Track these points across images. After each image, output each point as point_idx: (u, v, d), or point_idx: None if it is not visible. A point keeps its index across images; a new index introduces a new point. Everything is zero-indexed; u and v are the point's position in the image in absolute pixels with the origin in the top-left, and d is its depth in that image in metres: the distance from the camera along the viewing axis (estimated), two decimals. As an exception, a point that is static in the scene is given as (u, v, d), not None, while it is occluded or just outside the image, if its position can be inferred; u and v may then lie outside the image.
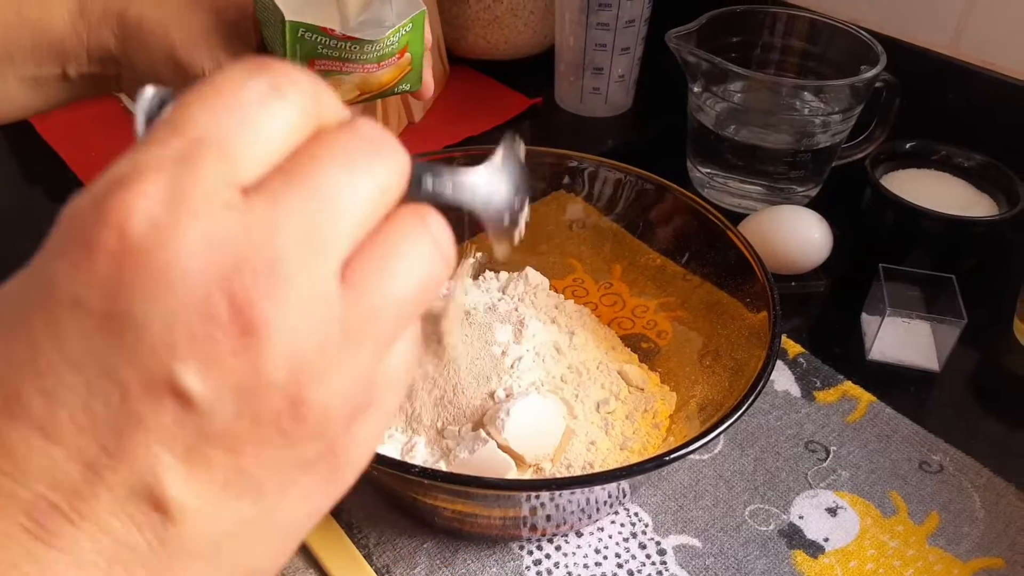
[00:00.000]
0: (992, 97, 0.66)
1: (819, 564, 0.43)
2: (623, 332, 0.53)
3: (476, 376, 0.45)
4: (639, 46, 0.78)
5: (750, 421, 0.50)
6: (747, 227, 0.60)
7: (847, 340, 0.56)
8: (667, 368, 0.50)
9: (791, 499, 0.46)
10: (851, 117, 0.63)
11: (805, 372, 0.53)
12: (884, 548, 0.43)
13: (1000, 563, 0.43)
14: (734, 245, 0.48)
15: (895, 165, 0.64)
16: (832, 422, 0.50)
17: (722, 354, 0.46)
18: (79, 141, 0.74)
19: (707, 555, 0.43)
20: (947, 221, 0.58)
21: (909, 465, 0.48)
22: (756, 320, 0.44)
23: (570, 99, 0.81)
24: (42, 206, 0.68)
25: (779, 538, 0.44)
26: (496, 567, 0.42)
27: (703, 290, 0.50)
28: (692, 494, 0.46)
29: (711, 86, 0.64)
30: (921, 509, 0.45)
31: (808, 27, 0.68)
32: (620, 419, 0.46)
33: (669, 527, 0.44)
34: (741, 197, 0.67)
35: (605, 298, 0.55)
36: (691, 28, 0.64)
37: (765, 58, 0.70)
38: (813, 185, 0.67)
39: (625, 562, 0.42)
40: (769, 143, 0.64)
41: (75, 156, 0.72)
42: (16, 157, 0.75)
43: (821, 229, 0.59)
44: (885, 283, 0.54)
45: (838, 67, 0.66)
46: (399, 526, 0.43)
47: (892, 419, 0.50)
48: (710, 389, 0.45)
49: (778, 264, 0.59)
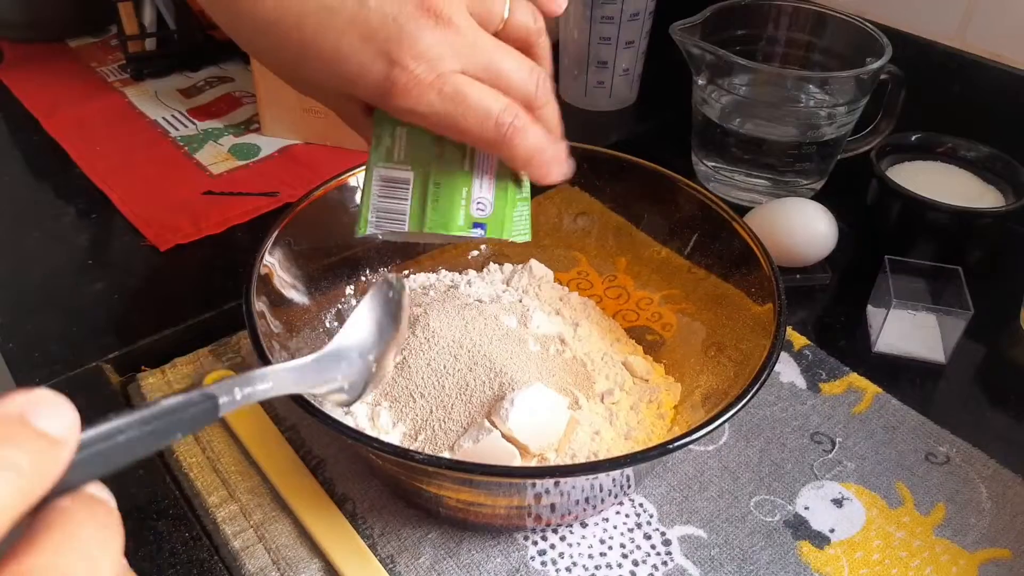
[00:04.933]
0: (998, 89, 0.65)
1: (825, 555, 0.42)
2: (628, 324, 0.53)
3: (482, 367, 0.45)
4: (643, 40, 0.78)
5: (755, 412, 0.50)
6: (752, 220, 0.60)
7: (853, 332, 0.56)
8: (672, 359, 0.50)
9: (797, 490, 0.46)
10: (856, 109, 0.63)
11: (811, 364, 0.53)
12: (890, 539, 0.43)
13: (1007, 554, 0.43)
14: (738, 235, 0.47)
15: (901, 157, 0.64)
16: (838, 414, 0.50)
17: (727, 345, 0.46)
18: (85, 137, 0.74)
19: (712, 546, 0.43)
20: (953, 213, 0.58)
21: (915, 456, 0.48)
22: (761, 311, 0.44)
23: (574, 93, 0.81)
24: (48, 202, 0.68)
25: (784, 529, 0.44)
26: (501, 557, 0.42)
27: (708, 282, 0.50)
28: (697, 485, 0.46)
29: (716, 79, 0.64)
30: (927, 500, 0.45)
31: (813, 19, 0.68)
32: (625, 409, 0.46)
33: (674, 518, 0.44)
34: (746, 190, 0.67)
35: (610, 290, 0.55)
36: (695, 21, 0.64)
37: (770, 50, 0.70)
38: (818, 178, 0.67)
39: (630, 552, 0.42)
40: (774, 136, 0.64)
41: (81, 151, 0.72)
42: (22, 152, 0.75)
43: (827, 221, 0.59)
44: (891, 275, 0.54)
45: (843, 59, 0.65)
46: (403, 516, 0.43)
47: (898, 411, 0.50)
48: (715, 380, 0.45)
49: (783, 257, 0.58)
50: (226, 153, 0.73)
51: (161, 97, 0.82)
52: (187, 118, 0.79)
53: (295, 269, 0.47)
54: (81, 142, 0.74)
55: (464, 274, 0.56)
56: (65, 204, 0.67)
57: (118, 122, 0.78)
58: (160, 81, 0.85)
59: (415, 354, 0.45)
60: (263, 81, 0.72)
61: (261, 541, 0.42)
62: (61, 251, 0.62)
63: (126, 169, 0.70)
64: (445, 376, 0.44)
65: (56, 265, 0.61)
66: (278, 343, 0.42)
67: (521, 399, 0.41)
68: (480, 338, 0.46)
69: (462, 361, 0.44)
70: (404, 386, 0.44)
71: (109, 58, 0.89)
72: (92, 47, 0.92)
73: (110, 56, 0.90)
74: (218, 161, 0.72)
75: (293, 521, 0.43)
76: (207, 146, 0.74)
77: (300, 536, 0.42)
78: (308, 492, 0.44)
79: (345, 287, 0.52)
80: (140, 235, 0.63)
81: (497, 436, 0.41)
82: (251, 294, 0.41)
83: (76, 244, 0.63)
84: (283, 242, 0.46)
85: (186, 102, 0.81)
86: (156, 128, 0.77)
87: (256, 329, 0.40)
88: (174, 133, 0.76)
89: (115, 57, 0.89)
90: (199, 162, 0.72)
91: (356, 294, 0.53)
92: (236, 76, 0.85)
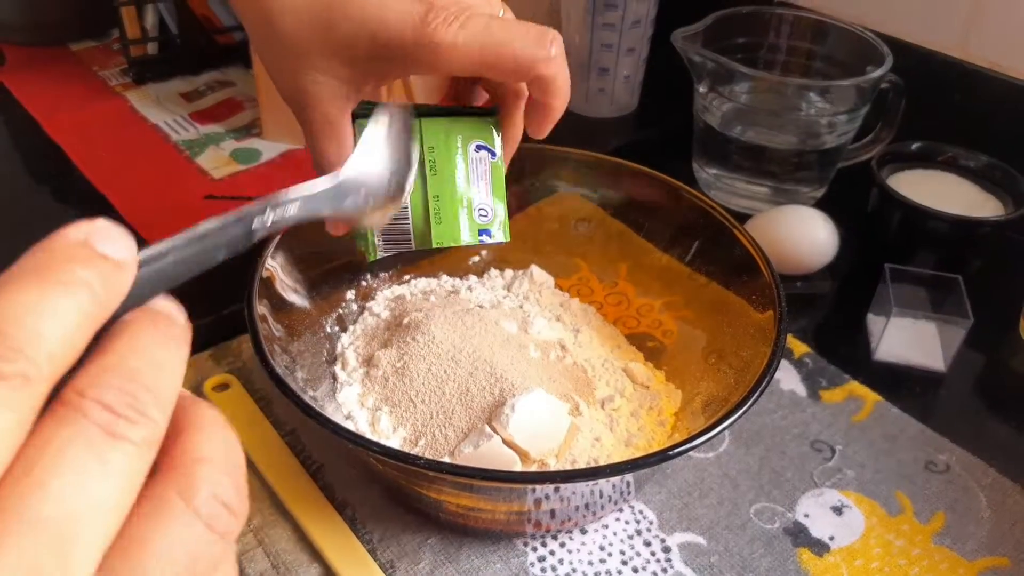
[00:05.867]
0: (998, 98, 0.66)
1: (824, 562, 0.42)
2: (628, 331, 0.53)
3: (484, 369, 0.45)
4: (645, 47, 0.78)
5: (755, 420, 0.50)
6: (753, 227, 0.60)
7: (853, 340, 0.56)
8: (672, 366, 0.50)
9: (796, 498, 0.46)
10: (857, 118, 0.63)
11: (811, 372, 0.53)
12: (890, 547, 0.43)
13: (1006, 562, 0.43)
14: (739, 243, 0.47)
15: (901, 166, 0.64)
16: (838, 422, 0.50)
17: (727, 352, 0.46)
18: (86, 140, 0.74)
19: (712, 553, 0.43)
20: (953, 222, 0.58)
21: (915, 465, 0.48)
22: (762, 318, 0.44)
23: (575, 100, 0.81)
24: (49, 205, 0.68)
25: (784, 536, 0.44)
26: (500, 563, 0.42)
27: (709, 289, 0.50)
28: (697, 492, 0.46)
29: (717, 86, 0.64)
30: (927, 508, 0.45)
31: (814, 28, 0.68)
32: (625, 416, 0.46)
33: (674, 525, 0.44)
34: (747, 198, 0.67)
35: (611, 297, 0.55)
36: (697, 28, 0.64)
37: (771, 58, 0.70)
38: (819, 186, 0.67)
39: (629, 559, 0.42)
40: (775, 144, 0.64)
41: (82, 155, 0.72)
42: (24, 155, 0.75)
43: (827, 229, 0.59)
44: (891, 283, 0.54)
45: (844, 68, 0.66)
46: (403, 522, 0.43)
47: (898, 419, 0.50)
48: (715, 386, 0.45)
49: (784, 264, 0.59)
50: (227, 157, 0.73)
51: (163, 101, 0.82)
52: (188, 122, 0.79)
53: (296, 273, 0.47)
54: (82, 145, 0.74)
55: (465, 279, 0.56)
56: (66, 207, 0.67)
57: (119, 126, 0.78)
58: (162, 85, 0.85)
59: (416, 359, 0.45)
60: (265, 85, 0.72)
61: (260, 545, 0.42)
62: (62, 254, 0.62)
63: (127, 173, 0.71)
64: (446, 381, 0.44)
65: (57, 268, 0.61)
66: (279, 347, 0.42)
67: (522, 405, 0.41)
68: (481, 343, 0.46)
69: (463, 366, 0.44)
70: (404, 391, 0.44)
71: (111, 62, 0.89)
72: (94, 51, 0.92)
73: (112, 60, 0.90)
74: (219, 165, 0.72)
75: (293, 526, 0.43)
76: (208, 150, 0.74)
77: (300, 541, 0.42)
78: (308, 497, 0.44)
79: (346, 291, 0.52)
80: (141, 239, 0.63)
81: (497, 442, 0.41)
82: (253, 297, 0.41)
83: (77, 247, 0.63)
84: (285, 246, 0.46)
85: (187, 106, 0.81)
86: (157, 132, 0.77)
87: (258, 332, 0.40)
88: (175, 137, 0.76)
89: (117, 61, 0.89)
90: (200, 166, 0.72)
91: (357, 298, 0.53)
92: (238, 80, 0.86)
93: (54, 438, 0.16)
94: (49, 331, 0.16)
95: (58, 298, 0.16)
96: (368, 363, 0.47)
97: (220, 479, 0.18)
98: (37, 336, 0.16)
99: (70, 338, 0.16)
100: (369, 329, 0.51)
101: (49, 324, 0.16)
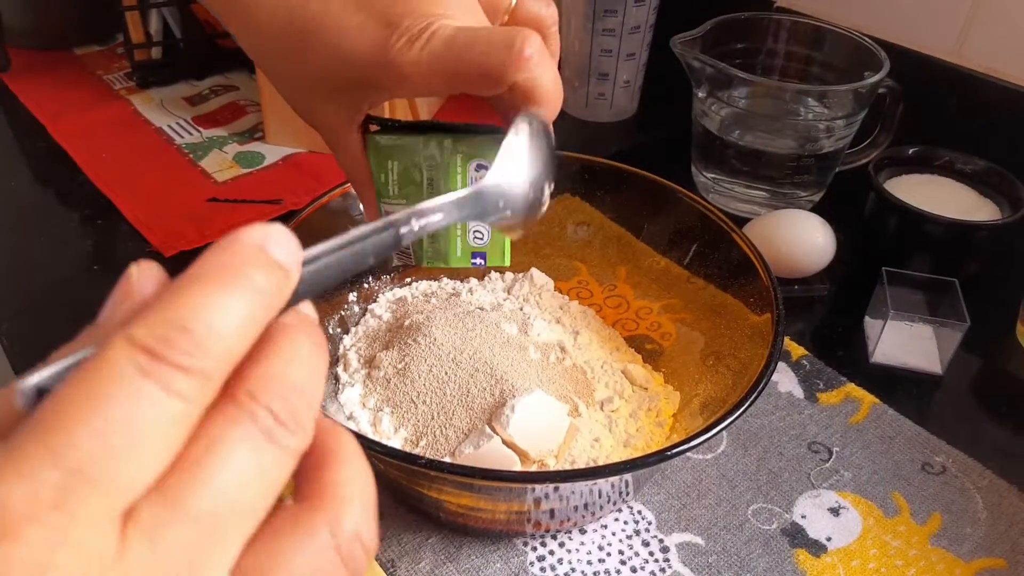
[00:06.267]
0: (995, 103, 0.66)
1: (821, 563, 0.43)
2: (627, 333, 0.54)
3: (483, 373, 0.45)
4: (644, 52, 0.78)
5: (753, 421, 0.50)
6: (751, 231, 0.60)
7: (850, 343, 0.57)
8: (671, 368, 0.51)
9: (794, 499, 0.46)
10: (854, 122, 0.64)
11: (808, 374, 0.54)
12: (886, 548, 0.44)
13: (1002, 564, 0.43)
14: (737, 246, 0.48)
15: (898, 170, 0.65)
16: (835, 423, 0.50)
17: (725, 354, 0.47)
18: (91, 143, 0.75)
19: (710, 553, 0.43)
20: (950, 226, 0.58)
21: (912, 466, 0.48)
22: (759, 321, 0.45)
23: (575, 104, 0.82)
24: (54, 208, 0.68)
25: (782, 537, 0.44)
26: (500, 563, 0.42)
27: (707, 292, 0.51)
28: (695, 493, 0.46)
29: (716, 91, 0.65)
30: (923, 510, 0.46)
31: (812, 33, 0.68)
32: (624, 417, 0.47)
33: (672, 525, 0.44)
34: (745, 202, 0.68)
35: (610, 300, 0.56)
36: (696, 34, 0.65)
37: (769, 64, 0.70)
38: (817, 190, 0.68)
39: (628, 559, 0.43)
40: (773, 148, 0.65)
41: (87, 158, 0.73)
42: (29, 158, 0.75)
43: (825, 233, 0.60)
44: (888, 286, 0.55)
45: (842, 73, 0.66)
46: (404, 521, 0.44)
47: (895, 421, 0.51)
48: (713, 388, 0.46)
49: (782, 268, 0.59)
50: (230, 161, 0.74)
51: (166, 105, 0.83)
52: (192, 126, 0.79)
53: (299, 276, 0.48)
54: (87, 149, 0.74)
55: (466, 282, 0.56)
56: (70, 210, 0.68)
57: (123, 129, 0.78)
58: (165, 89, 0.85)
59: (417, 360, 0.46)
60: (267, 90, 0.73)
61: (263, 545, 0.42)
62: (66, 257, 0.63)
63: (131, 176, 0.71)
64: (446, 382, 0.45)
65: (61, 270, 0.61)
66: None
67: (522, 406, 0.42)
68: (481, 345, 0.46)
69: (463, 368, 0.45)
70: (406, 392, 0.45)
71: (115, 66, 0.90)
72: (98, 55, 0.93)
73: (116, 64, 0.90)
74: (223, 169, 0.73)
75: (295, 525, 0.43)
76: (212, 154, 0.75)
77: (301, 540, 0.43)
78: (310, 497, 0.44)
79: (348, 294, 0.53)
80: (145, 241, 0.63)
81: (498, 442, 0.41)
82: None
83: (81, 250, 0.63)
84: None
85: (191, 110, 0.82)
86: (161, 135, 0.78)
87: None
88: (179, 141, 0.77)
89: (121, 65, 0.90)
90: (204, 170, 0.73)
91: (359, 300, 0.53)
92: (241, 85, 0.86)
93: (225, 436, 0.16)
94: (229, 332, 0.17)
95: (238, 301, 0.17)
96: (370, 364, 0.48)
97: (365, 520, 0.19)
98: (219, 336, 0.16)
99: (244, 339, 0.17)
100: (371, 331, 0.51)
101: (229, 325, 0.17)
